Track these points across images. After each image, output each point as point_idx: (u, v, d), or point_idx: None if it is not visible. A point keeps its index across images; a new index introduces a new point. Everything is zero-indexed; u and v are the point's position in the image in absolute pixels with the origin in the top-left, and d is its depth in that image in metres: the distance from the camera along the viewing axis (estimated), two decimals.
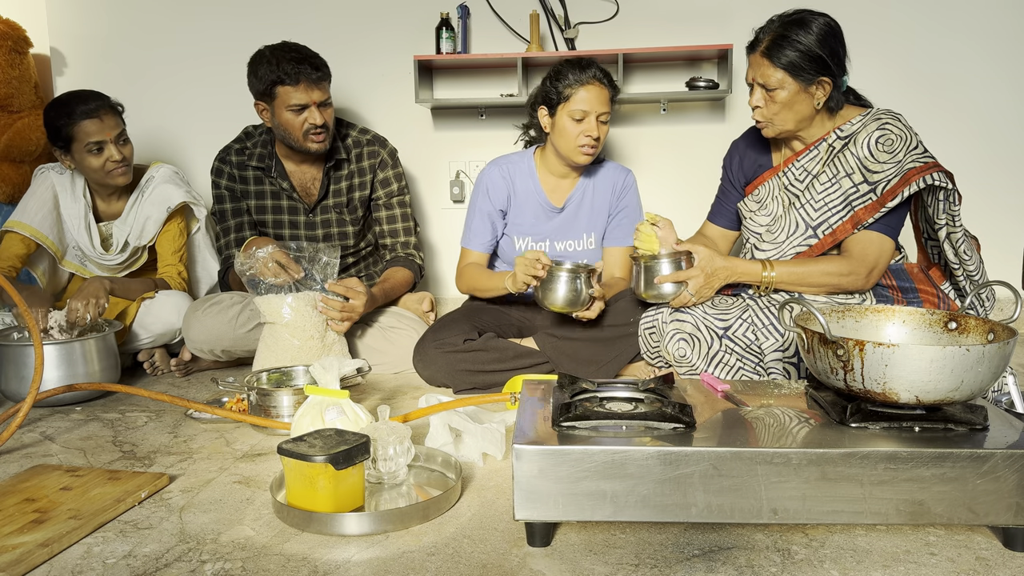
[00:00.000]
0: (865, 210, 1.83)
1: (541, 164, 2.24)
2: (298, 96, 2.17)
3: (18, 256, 2.29)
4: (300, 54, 2.18)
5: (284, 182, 2.33)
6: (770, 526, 1.20)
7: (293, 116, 2.19)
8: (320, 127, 2.21)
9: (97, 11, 2.92)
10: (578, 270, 1.95)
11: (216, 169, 2.38)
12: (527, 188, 2.23)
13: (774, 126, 1.87)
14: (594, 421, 1.19)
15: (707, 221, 2.19)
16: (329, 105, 2.23)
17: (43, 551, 1.13)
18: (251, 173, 2.36)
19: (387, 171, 2.41)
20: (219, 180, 2.37)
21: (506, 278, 2.06)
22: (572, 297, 1.95)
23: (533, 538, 1.15)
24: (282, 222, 2.37)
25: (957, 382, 1.14)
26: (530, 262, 1.94)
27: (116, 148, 2.22)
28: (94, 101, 2.20)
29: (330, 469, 1.20)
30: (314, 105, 2.18)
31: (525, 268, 1.95)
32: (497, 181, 2.23)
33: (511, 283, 2.03)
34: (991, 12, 2.68)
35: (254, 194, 2.37)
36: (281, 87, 2.16)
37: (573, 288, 1.95)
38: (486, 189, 2.23)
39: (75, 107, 2.18)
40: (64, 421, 1.84)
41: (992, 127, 2.74)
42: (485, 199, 2.23)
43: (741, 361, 1.84)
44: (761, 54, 1.81)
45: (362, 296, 2.11)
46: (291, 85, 2.16)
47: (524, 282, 1.96)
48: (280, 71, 2.15)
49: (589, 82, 2.06)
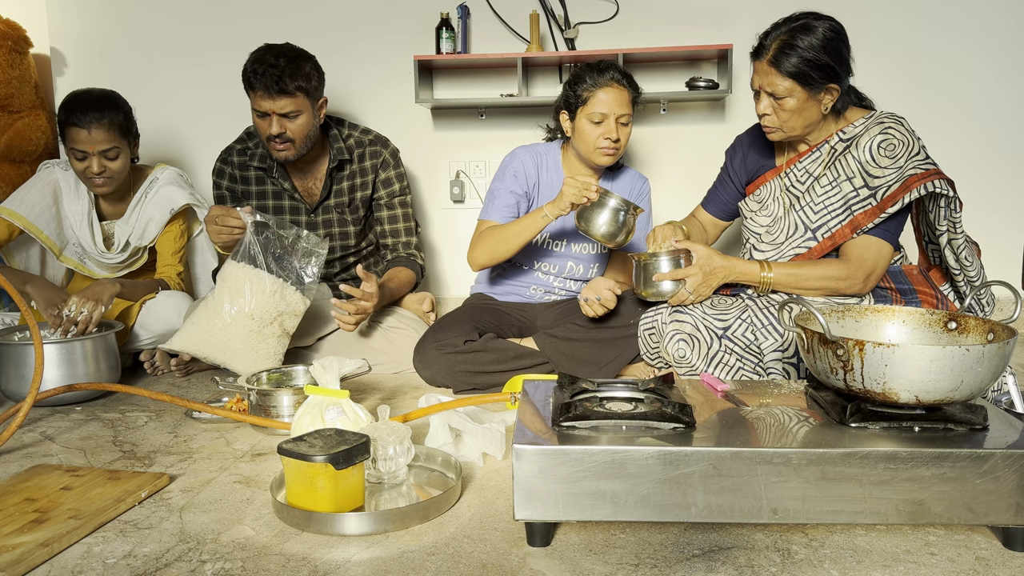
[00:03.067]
0: (865, 215, 1.83)
1: (565, 162, 2.24)
2: (258, 102, 2.15)
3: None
4: (269, 63, 2.11)
5: (285, 182, 2.33)
6: (770, 526, 1.20)
7: (259, 121, 2.19)
8: (277, 137, 2.17)
9: (97, 11, 2.92)
10: (627, 204, 1.96)
11: (218, 170, 2.38)
12: (552, 181, 2.23)
13: (783, 132, 1.86)
14: (594, 421, 1.19)
15: (700, 206, 2.20)
16: (296, 116, 2.16)
17: (43, 551, 1.13)
18: (253, 173, 2.36)
19: (389, 171, 2.41)
20: (220, 181, 2.37)
21: (545, 206, 2.01)
22: (614, 230, 1.97)
23: (533, 538, 1.16)
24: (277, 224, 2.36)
25: (957, 382, 1.14)
26: (583, 183, 1.93)
27: (98, 161, 2.19)
28: (94, 112, 2.16)
29: (330, 469, 1.20)
30: (275, 115, 2.14)
31: (578, 188, 1.93)
32: (529, 166, 2.21)
33: (554, 205, 1.98)
34: (991, 13, 2.68)
35: (255, 194, 2.37)
36: (249, 90, 2.16)
37: (616, 220, 1.96)
38: (516, 171, 2.21)
39: (74, 109, 2.17)
40: (64, 421, 1.84)
41: (992, 127, 2.74)
42: (513, 180, 2.21)
43: (741, 361, 1.84)
44: (768, 63, 1.79)
45: (374, 298, 2.12)
46: (252, 90, 2.15)
47: (573, 202, 1.94)
48: (248, 73, 2.14)
49: (607, 84, 2.07)
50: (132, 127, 2.29)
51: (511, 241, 2.08)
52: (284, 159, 2.22)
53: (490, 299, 2.34)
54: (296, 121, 2.17)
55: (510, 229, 2.08)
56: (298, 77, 2.14)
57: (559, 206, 1.98)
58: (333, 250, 2.41)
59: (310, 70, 2.18)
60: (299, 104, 2.16)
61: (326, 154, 2.36)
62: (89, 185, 2.27)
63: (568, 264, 2.27)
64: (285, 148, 2.20)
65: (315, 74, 2.20)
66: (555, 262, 2.26)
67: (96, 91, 2.24)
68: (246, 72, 2.15)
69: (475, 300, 2.34)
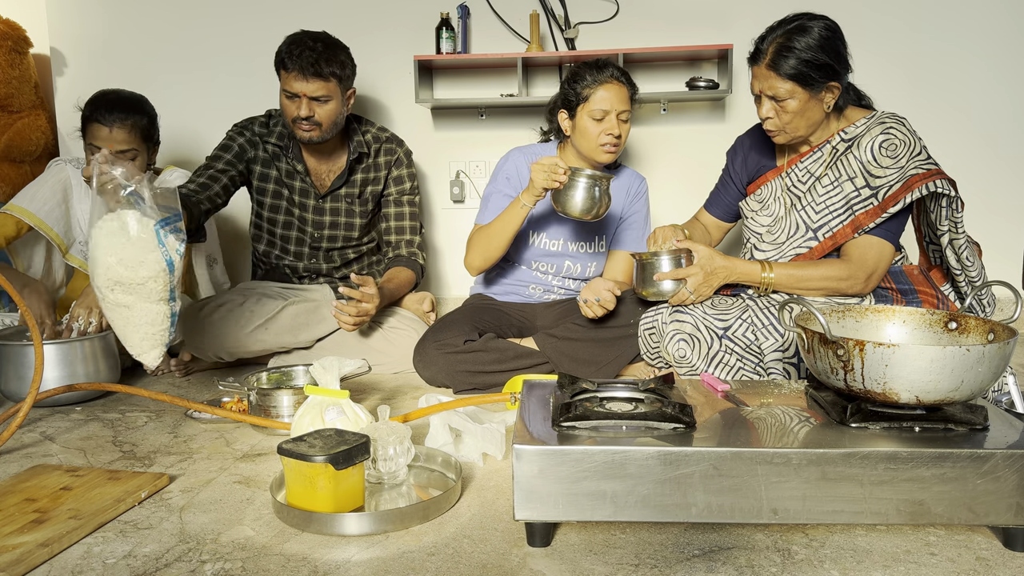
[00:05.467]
0: (866, 215, 1.83)
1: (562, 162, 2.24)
2: (290, 83, 2.18)
3: (5, 236, 2.27)
4: (307, 45, 2.17)
5: (299, 164, 2.34)
6: (770, 526, 1.20)
7: (287, 102, 2.22)
8: (305, 119, 2.20)
9: (97, 11, 2.92)
10: (598, 177, 1.96)
11: (240, 129, 2.36)
12: None
13: (787, 134, 1.86)
14: (594, 421, 1.19)
15: (703, 208, 2.20)
16: (327, 101, 2.21)
17: (43, 551, 1.13)
18: (270, 148, 2.36)
19: (402, 169, 2.43)
20: (237, 137, 2.34)
21: (520, 195, 2.02)
22: (590, 204, 1.97)
23: (533, 538, 1.15)
24: (282, 207, 2.37)
25: (957, 382, 1.14)
26: (550, 167, 1.93)
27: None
28: (119, 112, 2.18)
29: (330, 469, 1.20)
30: (305, 97, 2.18)
31: (546, 173, 1.94)
32: (522, 167, 2.22)
33: (527, 195, 2.00)
34: (991, 13, 2.68)
35: (260, 164, 2.35)
36: (282, 70, 2.20)
37: (592, 194, 1.96)
38: (509, 173, 2.22)
39: (100, 106, 2.18)
40: (64, 421, 1.84)
41: (992, 128, 2.74)
42: (506, 183, 2.21)
43: (741, 361, 1.84)
44: (767, 66, 1.79)
45: (375, 300, 2.13)
46: (286, 71, 2.18)
47: (544, 187, 1.95)
48: (283, 54, 2.18)
49: (607, 81, 2.07)
50: (154, 133, 2.30)
51: (497, 237, 2.10)
52: (308, 140, 2.24)
53: (490, 299, 2.34)
54: (326, 106, 2.21)
55: (493, 226, 2.10)
56: (333, 63, 2.19)
57: (532, 193, 1.99)
58: (335, 240, 2.42)
59: (344, 58, 2.24)
60: (330, 89, 2.19)
61: (344, 145, 2.38)
62: None
63: (566, 263, 2.27)
64: (311, 130, 2.22)
65: (349, 63, 2.26)
66: (552, 261, 2.26)
67: (125, 92, 2.26)
68: (280, 54, 2.19)
69: (475, 300, 2.34)
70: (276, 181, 2.37)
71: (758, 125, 2.02)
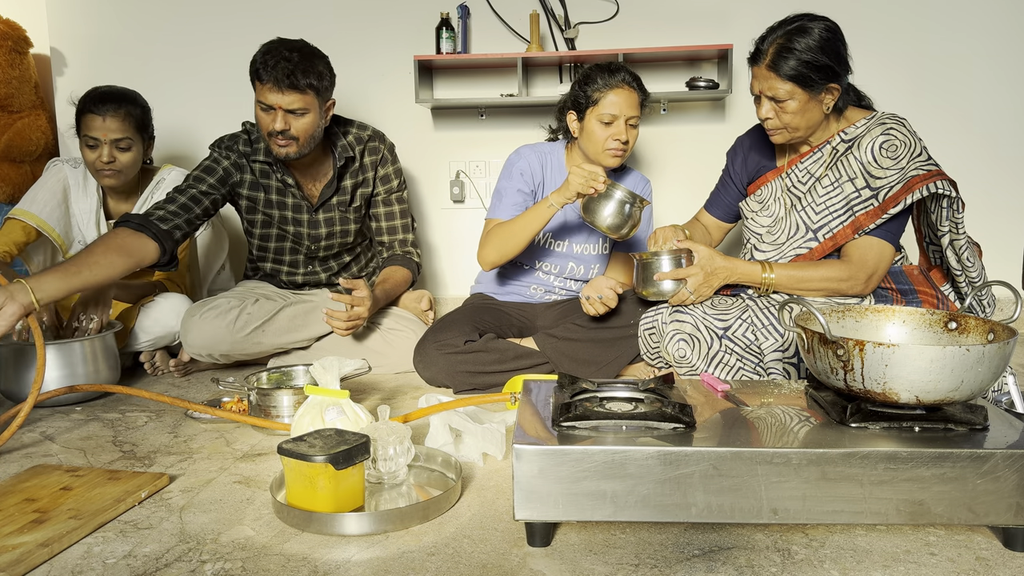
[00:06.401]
0: (866, 215, 1.83)
1: (569, 162, 2.23)
2: (264, 95, 2.07)
3: (16, 243, 2.27)
4: (282, 55, 2.05)
5: (289, 178, 2.26)
6: (770, 526, 1.20)
7: (262, 114, 2.11)
8: (280, 133, 2.09)
9: (97, 11, 2.92)
10: (633, 197, 1.96)
11: (225, 151, 2.25)
12: (556, 181, 2.22)
13: (786, 134, 1.86)
14: (594, 421, 1.19)
15: (703, 209, 2.20)
16: (303, 115, 2.09)
17: (43, 551, 1.13)
18: (257, 168, 2.26)
19: (387, 167, 2.37)
20: (222, 160, 2.24)
21: (551, 195, 2.00)
22: (619, 221, 1.97)
23: (533, 538, 1.15)
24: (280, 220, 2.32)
25: (957, 382, 1.14)
26: (590, 173, 1.92)
27: (109, 150, 2.22)
28: (111, 102, 2.21)
29: (330, 469, 1.20)
30: (280, 110, 2.07)
31: (585, 177, 1.93)
32: (535, 165, 2.21)
33: (560, 194, 1.98)
34: (993, 14, 2.68)
35: (247, 187, 2.26)
36: (256, 81, 2.09)
37: (622, 212, 1.96)
38: (523, 170, 2.20)
39: (92, 99, 2.20)
40: (64, 421, 1.84)
41: (993, 129, 2.74)
42: (520, 178, 2.19)
43: (741, 361, 1.84)
44: (767, 67, 1.79)
45: (367, 302, 2.11)
46: (260, 82, 2.07)
47: (579, 191, 1.94)
48: (258, 64, 2.07)
49: (618, 86, 2.06)
50: (148, 125, 2.31)
51: (519, 235, 2.07)
52: (284, 156, 2.15)
53: (490, 299, 2.34)
54: (302, 120, 2.10)
55: (516, 223, 2.07)
56: (310, 74, 2.07)
57: (565, 195, 1.97)
58: (331, 248, 2.40)
59: (323, 69, 2.11)
60: (307, 102, 2.08)
61: (328, 153, 2.30)
62: (97, 177, 2.28)
63: (569, 264, 2.27)
64: (287, 145, 2.12)
65: (327, 74, 2.14)
66: (556, 262, 2.26)
67: (117, 87, 2.28)
68: (255, 63, 2.07)
69: (475, 300, 2.34)
70: (265, 203, 2.28)
71: (758, 125, 2.02)
